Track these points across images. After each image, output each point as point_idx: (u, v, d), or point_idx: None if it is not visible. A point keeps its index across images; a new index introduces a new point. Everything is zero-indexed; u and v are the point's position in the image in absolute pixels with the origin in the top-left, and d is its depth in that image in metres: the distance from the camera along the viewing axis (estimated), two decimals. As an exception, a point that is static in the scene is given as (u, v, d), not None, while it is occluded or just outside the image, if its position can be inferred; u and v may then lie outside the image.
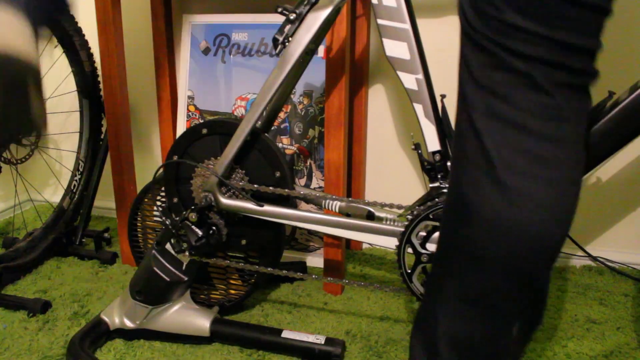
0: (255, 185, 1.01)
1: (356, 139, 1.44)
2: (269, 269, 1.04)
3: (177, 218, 1.02)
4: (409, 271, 0.93)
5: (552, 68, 0.54)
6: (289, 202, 1.03)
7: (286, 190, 1.00)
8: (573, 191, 0.58)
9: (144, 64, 1.64)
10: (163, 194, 1.22)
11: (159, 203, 1.23)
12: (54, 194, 1.86)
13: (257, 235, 1.06)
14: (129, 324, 1.08)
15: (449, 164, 0.97)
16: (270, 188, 1.00)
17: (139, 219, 1.25)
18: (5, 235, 1.56)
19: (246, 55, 1.39)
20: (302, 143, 1.36)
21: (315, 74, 1.32)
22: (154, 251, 1.06)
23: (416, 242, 0.93)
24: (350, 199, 1.01)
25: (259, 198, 1.02)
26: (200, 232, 1.00)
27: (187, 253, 1.03)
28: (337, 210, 1.05)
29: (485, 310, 0.61)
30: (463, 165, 0.60)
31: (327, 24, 0.99)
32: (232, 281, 1.17)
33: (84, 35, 1.51)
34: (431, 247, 0.93)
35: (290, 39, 0.96)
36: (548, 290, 0.63)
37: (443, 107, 0.98)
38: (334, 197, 1.06)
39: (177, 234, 1.02)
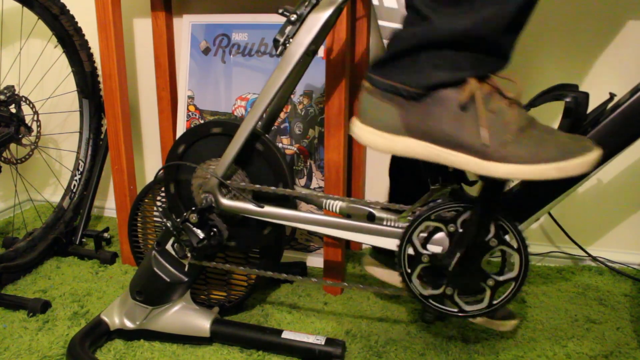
0: (256, 186, 1.01)
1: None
2: (268, 272, 1.04)
3: (178, 219, 1.02)
4: (409, 271, 0.93)
5: None
6: (290, 202, 1.03)
7: (286, 190, 1.00)
8: None
9: (144, 64, 1.64)
10: (163, 194, 1.22)
11: (159, 203, 1.23)
12: (54, 194, 1.86)
13: (257, 236, 1.06)
14: (129, 324, 1.08)
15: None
16: (271, 188, 1.00)
17: (139, 219, 1.25)
18: (5, 235, 1.56)
19: (246, 55, 1.39)
20: (302, 143, 1.36)
21: (315, 74, 1.32)
22: (154, 252, 1.06)
23: (417, 243, 0.93)
24: (351, 199, 1.01)
25: (260, 199, 1.02)
26: (201, 234, 1.00)
27: (189, 255, 1.03)
28: (337, 211, 1.05)
29: None
30: None
31: (328, 25, 0.99)
32: (232, 281, 1.17)
33: (84, 35, 1.51)
34: (432, 247, 0.93)
35: (291, 40, 0.96)
36: None
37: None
38: (334, 197, 1.06)
39: (177, 236, 1.02)
